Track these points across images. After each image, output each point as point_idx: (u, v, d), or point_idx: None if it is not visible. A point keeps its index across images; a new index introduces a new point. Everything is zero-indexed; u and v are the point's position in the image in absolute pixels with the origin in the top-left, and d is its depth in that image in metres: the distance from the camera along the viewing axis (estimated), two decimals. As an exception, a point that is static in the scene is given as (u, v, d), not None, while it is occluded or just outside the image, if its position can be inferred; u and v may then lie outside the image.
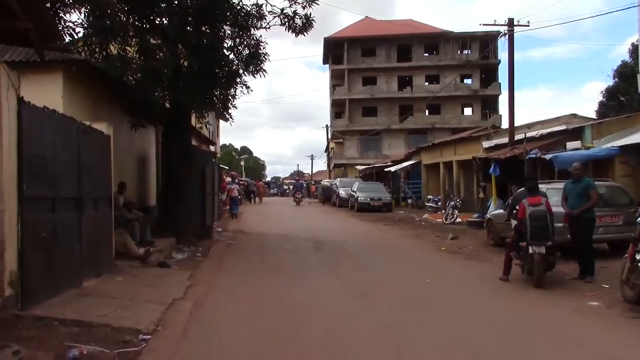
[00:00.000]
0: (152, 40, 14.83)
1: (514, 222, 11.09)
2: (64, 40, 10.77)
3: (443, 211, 26.77)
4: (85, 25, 13.67)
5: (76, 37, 13.69)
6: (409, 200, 37.77)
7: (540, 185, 11.48)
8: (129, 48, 14.47)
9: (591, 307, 8.55)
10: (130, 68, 14.19)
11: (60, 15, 12.69)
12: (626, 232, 11.99)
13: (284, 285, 10.46)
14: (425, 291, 10.09)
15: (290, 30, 15.37)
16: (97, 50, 13.83)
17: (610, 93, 41.84)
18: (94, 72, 13.13)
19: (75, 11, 13.21)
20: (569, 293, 9.59)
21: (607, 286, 9.78)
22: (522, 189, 11.56)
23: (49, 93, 10.66)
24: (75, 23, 13.54)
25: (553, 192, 12.23)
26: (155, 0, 13.76)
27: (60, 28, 11.90)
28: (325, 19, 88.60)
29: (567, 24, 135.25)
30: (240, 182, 43.65)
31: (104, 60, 13.78)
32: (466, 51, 60.07)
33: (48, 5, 11.55)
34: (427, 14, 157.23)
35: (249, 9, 15.22)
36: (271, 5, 15.27)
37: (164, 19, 14.83)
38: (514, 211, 10.91)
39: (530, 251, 9.92)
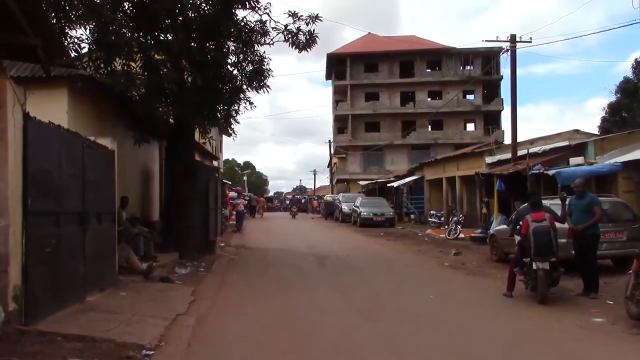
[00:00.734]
0: (156, 55, 14.95)
1: (517, 238, 11.06)
2: (70, 56, 10.87)
3: (446, 227, 26.73)
4: (90, 41, 13.78)
5: (81, 52, 13.80)
6: (412, 216, 37.71)
7: (543, 201, 11.46)
8: (133, 63, 14.57)
9: (595, 324, 8.51)
10: (135, 83, 14.26)
11: (66, 31, 12.84)
12: (630, 248, 11.99)
13: (287, 301, 10.44)
14: (429, 307, 10.06)
15: (294, 47, 15.45)
16: (101, 65, 13.92)
17: (612, 109, 41.87)
18: (99, 88, 13.22)
19: (80, 27, 13.38)
20: (573, 309, 9.56)
21: (611, 302, 9.74)
22: (526, 204, 11.55)
23: (54, 108, 10.72)
24: (81, 39, 13.68)
25: (556, 208, 12.21)
26: (159, 16, 13.85)
27: (65, 44, 12.02)
28: (329, 35, 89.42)
29: (570, 40, 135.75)
30: (244, 197, 43.84)
31: (108, 76, 13.86)
32: (468, 67, 60.22)
33: (54, 21, 11.68)
34: (430, 30, 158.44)
35: (253, 25, 15.32)
36: (275, 21, 15.38)
37: (168, 35, 14.93)
38: (518, 227, 10.89)
39: (534, 267, 9.89)
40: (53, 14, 12.13)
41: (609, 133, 28.75)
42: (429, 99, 60.96)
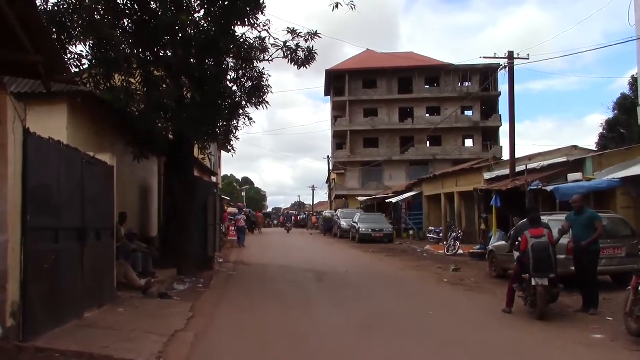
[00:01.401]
0: (155, 71, 15.01)
1: (516, 254, 11.05)
2: (71, 72, 10.91)
3: (445, 242, 26.72)
4: (90, 57, 13.85)
5: (82, 68, 13.86)
6: (411, 232, 37.72)
7: (542, 217, 11.47)
8: (132, 79, 14.62)
9: (595, 340, 8.49)
10: (134, 99, 14.29)
11: (67, 47, 12.92)
12: (629, 264, 11.98)
13: (286, 317, 10.41)
14: (428, 323, 10.03)
15: (293, 63, 15.49)
16: (101, 81, 13.97)
17: (610, 125, 42.02)
18: (99, 104, 13.26)
19: (81, 43, 13.45)
20: (572, 325, 9.53)
21: (610, 319, 9.72)
22: (524, 220, 11.55)
23: (53, 124, 10.76)
24: (81, 55, 13.75)
25: (555, 224, 12.22)
26: (159, 33, 13.92)
27: (66, 60, 12.08)
28: (329, 51, 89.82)
29: (568, 57, 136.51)
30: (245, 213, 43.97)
31: (108, 92, 13.90)
32: (467, 83, 60.47)
33: (55, 36, 11.75)
34: (429, 47, 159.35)
35: (252, 41, 15.40)
36: (274, 38, 15.43)
37: (167, 51, 14.99)
38: (516, 243, 10.89)
39: (533, 283, 9.88)
40: (54, 30, 12.22)
41: (607, 149, 28.82)
42: (428, 115, 61.17)
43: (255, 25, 15.15)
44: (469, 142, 61.92)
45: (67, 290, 8.30)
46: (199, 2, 14.80)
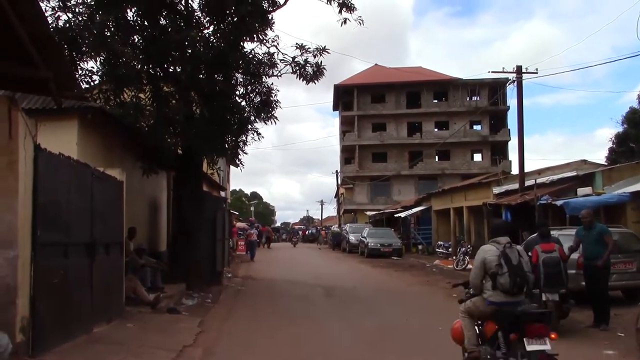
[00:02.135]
0: (165, 87, 15.12)
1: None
2: (81, 88, 11.00)
3: (454, 257, 26.59)
4: (101, 73, 13.97)
5: (92, 84, 13.98)
6: (420, 246, 37.57)
7: (552, 232, 11.40)
8: (142, 95, 14.73)
9: (606, 356, 8.41)
10: (144, 115, 14.39)
11: (77, 63, 13.05)
12: (640, 279, 11.87)
13: (295, 333, 10.36)
14: (438, 339, 9.93)
15: (302, 78, 15.58)
16: (111, 97, 14.08)
17: (620, 139, 41.81)
18: (108, 119, 13.34)
19: (91, 59, 13.59)
20: (583, 341, 9.44)
21: (622, 334, 9.62)
22: (534, 235, 11.48)
23: (64, 139, 10.81)
24: (92, 71, 13.90)
25: (565, 239, 12.14)
26: (168, 49, 14.03)
27: (77, 75, 12.19)
28: (338, 66, 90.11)
29: (577, 71, 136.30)
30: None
31: (118, 107, 14.01)
32: (475, 98, 60.44)
33: (66, 53, 11.86)
34: (437, 61, 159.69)
35: (260, 57, 15.52)
36: (283, 53, 15.56)
37: (177, 67, 15.11)
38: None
39: (544, 298, 9.80)
40: (65, 46, 12.34)
41: (617, 163, 28.69)
42: (436, 130, 61.12)
43: (264, 41, 15.30)
44: (477, 157, 61.75)
45: (76, 305, 8.32)
46: (208, 18, 14.97)
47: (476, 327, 6.77)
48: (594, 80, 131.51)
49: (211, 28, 15.06)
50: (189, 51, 14.31)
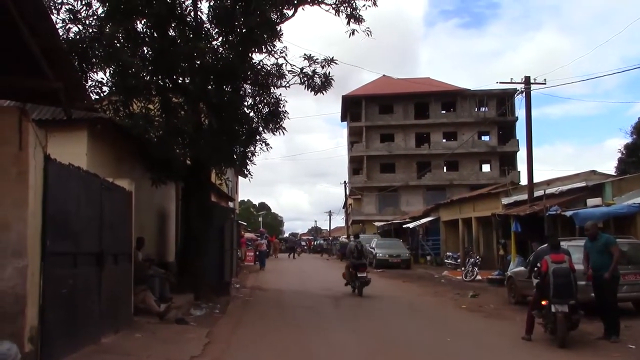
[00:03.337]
0: (174, 98, 15.20)
1: (535, 280, 10.93)
2: (91, 99, 11.08)
3: (463, 268, 26.46)
4: (110, 84, 14.06)
5: (102, 95, 14.08)
6: (428, 257, 37.42)
7: (561, 243, 11.35)
8: (151, 106, 14.81)
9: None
10: (153, 125, 14.47)
11: (87, 74, 13.15)
12: (651, 291, 11.78)
13: (303, 343, 10.33)
14: (446, 350, 9.91)
15: (310, 89, 15.62)
16: (120, 108, 14.16)
17: (629, 150, 41.69)
18: (118, 130, 13.41)
19: (101, 71, 13.69)
20: (593, 353, 9.38)
21: (633, 346, 9.56)
22: (544, 245, 11.44)
23: (73, 150, 10.86)
24: (101, 82, 13.99)
25: (574, 250, 12.09)
26: (177, 60, 14.11)
27: (87, 87, 12.28)
28: (347, 76, 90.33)
29: (586, 82, 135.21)
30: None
31: (127, 118, 14.09)
32: (483, 108, 60.38)
33: (76, 64, 11.97)
34: (446, 72, 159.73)
35: (269, 68, 15.58)
36: (291, 64, 15.60)
37: (186, 78, 15.20)
38: (535, 268, 10.76)
39: (553, 310, 9.74)
40: (75, 58, 12.45)
41: (627, 174, 28.56)
42: (444, 140, 61.11)
43: (273, 52, 15.34)
44: (486, 167, 61.62)
45: (84, 315, 8.34)
46: (217, 30, 15.05)
47: None
48: (603, 91, 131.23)
49: (220, 39, 15.14)
50: (198, 62, 14.39)
